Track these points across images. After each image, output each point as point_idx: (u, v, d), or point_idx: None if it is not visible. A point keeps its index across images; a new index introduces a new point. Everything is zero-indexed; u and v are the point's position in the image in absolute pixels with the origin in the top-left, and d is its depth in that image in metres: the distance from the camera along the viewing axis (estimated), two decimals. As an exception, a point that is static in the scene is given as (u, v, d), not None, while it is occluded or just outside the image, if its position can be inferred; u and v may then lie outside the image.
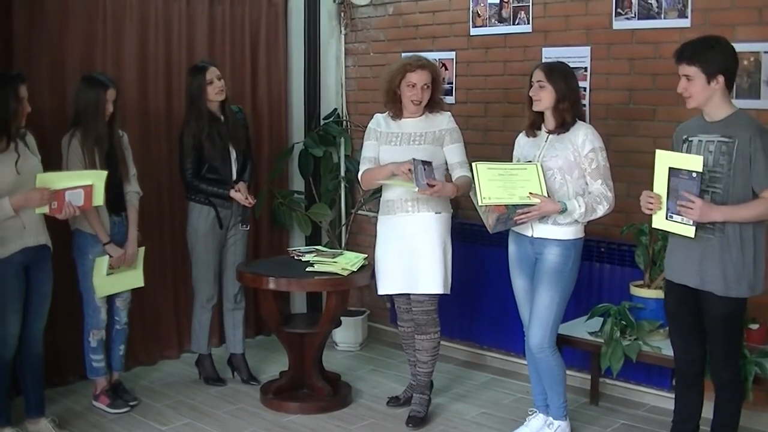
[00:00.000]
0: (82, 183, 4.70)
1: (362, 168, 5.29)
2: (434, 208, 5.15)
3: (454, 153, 5.18)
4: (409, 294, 5.27)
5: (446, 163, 5.21)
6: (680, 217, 4.00)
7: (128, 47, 6.12)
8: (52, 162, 5.07)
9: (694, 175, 3.92)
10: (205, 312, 5.94)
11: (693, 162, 3.95)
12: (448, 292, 5.23)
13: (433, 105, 5.24)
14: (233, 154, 5.82)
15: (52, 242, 4.96)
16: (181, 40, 6.42)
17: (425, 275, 5.16)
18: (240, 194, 5.73)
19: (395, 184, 5.08)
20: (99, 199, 4.81)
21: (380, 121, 5.33)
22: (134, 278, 5.50)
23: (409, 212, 5.17)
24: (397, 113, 5.25)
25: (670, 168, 4.03)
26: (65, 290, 5.35)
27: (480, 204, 4.55)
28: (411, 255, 5.16)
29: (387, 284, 5.30)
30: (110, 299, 5.44)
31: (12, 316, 4.73)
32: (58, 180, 4.65)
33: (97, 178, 4.79)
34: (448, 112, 5.30)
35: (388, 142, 5.22)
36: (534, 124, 4.76)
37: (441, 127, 5.19)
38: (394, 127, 5.25)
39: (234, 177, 5.81)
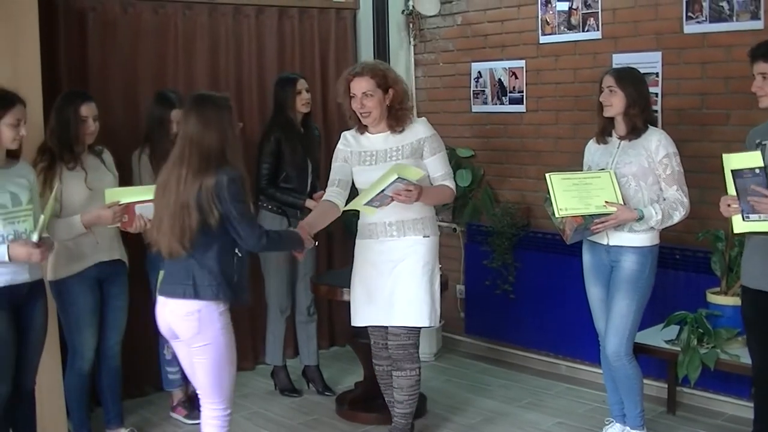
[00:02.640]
0: (150, 197, 4.77)
1: (327, 192, 4.85)
2: (422, 231, 4.73)
3: (435, 165, 4.72)
4: (386, 327, 4.85)
5: (429, 177, 4.73)
6: (756, 215, 3.90)
7: (199, 64, 6.22)
8: (128, 178, 5.17)
9: (757, 171, 3.82)
10: (279, 323, 5.99)
11: (752, 159, 3.86)
12: (436, 324, 4.87)
13: (396, 119, 4.73)
14: (309, 167, 5.88)
15: (129, 255, 5.06)
16: (251, 55, 6.51)
17: (405, 305, 4.72)
18: (316, 203, 5.74)
19: (365, 210, 4.64)
20: None
21: (349, 140, 4.86)
22: None
23: (395, 236, 4.73)
24: (360, 127, 4.82)
25: (732, 170, 3.94)
26: (143, 303, 5.41)
27: (557, 216, 4.51)
28: (393, 283, 4.72)
29: (364, 315, 4.87)
30: (185, 312, 5.51)
31: (87, 330, 4.83)
32: (126, 194, 4.69)
33: None
34: (423, 118, 4.88)
35: (361, 162, 4.76)
36: (605, 131, 4.71)
37: (418, 137, 4.70)
38: (366, 145, 4.79)
39: (308, 189, 5.86)
